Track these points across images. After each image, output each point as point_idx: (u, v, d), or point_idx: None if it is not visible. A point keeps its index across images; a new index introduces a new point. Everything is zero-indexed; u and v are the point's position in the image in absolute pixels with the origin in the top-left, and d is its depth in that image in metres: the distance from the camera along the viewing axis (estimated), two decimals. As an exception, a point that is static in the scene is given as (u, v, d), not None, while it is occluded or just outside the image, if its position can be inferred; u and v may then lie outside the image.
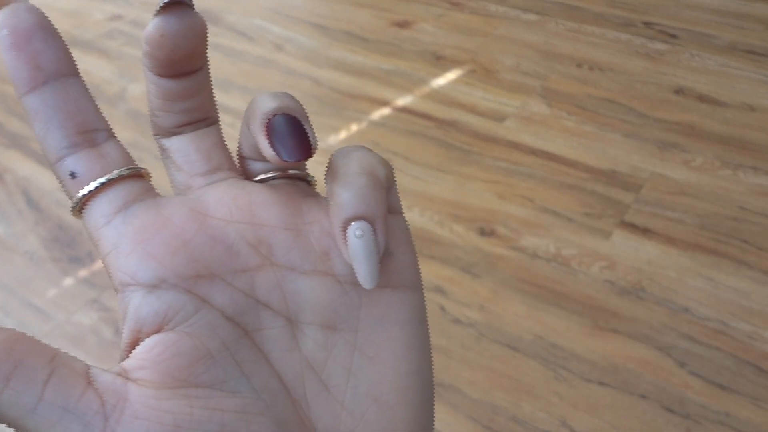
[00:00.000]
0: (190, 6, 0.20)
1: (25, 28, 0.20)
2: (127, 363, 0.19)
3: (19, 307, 0.90)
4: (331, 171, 0.22)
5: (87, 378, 0.18)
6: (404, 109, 1.20)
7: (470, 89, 1.24)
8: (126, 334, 0.20)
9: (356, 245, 0.20)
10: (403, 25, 1.44)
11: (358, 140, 1.14)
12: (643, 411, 0.74)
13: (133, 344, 0.20)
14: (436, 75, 1.28)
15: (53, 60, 0.20)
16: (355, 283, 0.22)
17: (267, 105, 0.21)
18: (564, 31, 1.40)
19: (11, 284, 0.93)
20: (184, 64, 0.21)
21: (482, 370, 0.78)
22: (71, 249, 0.98)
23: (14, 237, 1.00)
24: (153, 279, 0.20)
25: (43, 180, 1.10)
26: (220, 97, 1.27)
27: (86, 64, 1.38)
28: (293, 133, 0.21)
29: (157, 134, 0.23)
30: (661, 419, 0.73)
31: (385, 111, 1.20)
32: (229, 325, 0.20)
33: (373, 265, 0.20)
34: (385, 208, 0.21)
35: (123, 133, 1.19)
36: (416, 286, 0.23)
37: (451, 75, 1.28)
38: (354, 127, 1.17)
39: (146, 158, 1.13)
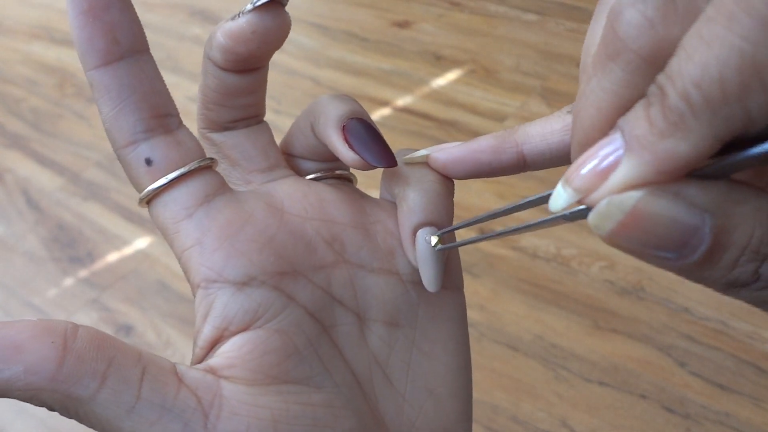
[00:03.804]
0: (283, 5, 0.20)
1: None
2: (214, 361, 0.19)
3: (19, 307, 0.90)
4: (402, 174, 0.22)
5: (176, 375, 0.18)
6: (404, 109, 1.20)
7: (470, 89, 1.24)
8: (208, 332, 0.19)
9: (426, 250, 0.21)
10: (403, 25, 1.44)
11: (358, 140, 1.14)
12: (643, 411, 0.74)
13: (214, 342, 0.20)
14: (436, 75, 1.28)
15: (130, 34, 0.19)
16: (415, 282, 0.22)
17: (339, 108, 0.21)
18: (564, 31, 1.40)
19: (11, 284, 0.93)
20: (258, 61, 0.21)
21: (482, 370, 0.78)
22: (71, 249, 0.98)
23: (14, 237, 1.00)
24: (242, 276, 0.19)
25: (43, 180, 1.10)
26: (220, 97, 1.27)
27: (86, 64, 1.38)
28: (375, 137, 0.21)
29: (207, 128, 0.22)
30: (661, 419, 0.73)
31: (385, 111, 1.20)
32: (312, 321, 0.20)
33: (439, 269, 0.21)
34: (452, 216, 0.22)
35: (123, 133, 1.19)
36: (461, 285, 0.24)
37: (451, 75, 1.28)
38: (354, 127, 1.17)
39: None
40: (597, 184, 0.14)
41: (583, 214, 0.15)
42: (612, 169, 0.14)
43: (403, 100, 1.22)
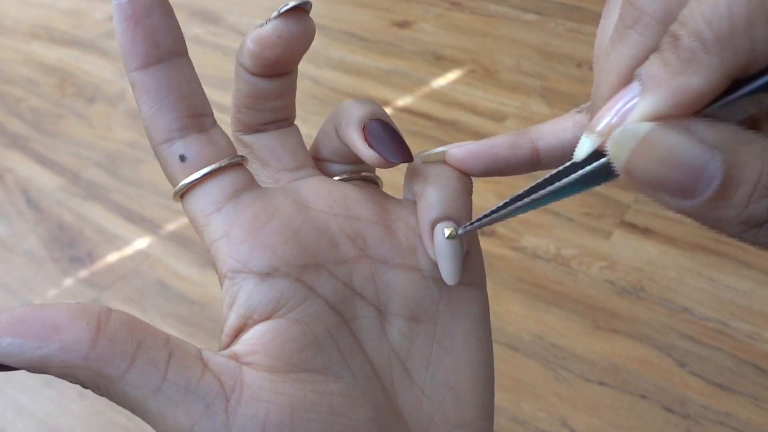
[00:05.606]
0: (307, 11, 0.21)
1: (144, 1, 0.19)
2: (238, 348, 0.20)
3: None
4: (421, 171, 0.23)
5: (201, 360, 0.19)
6: (404, 109, 1.20)
7: (470, 89, 1.24)
8: (233, 320, 0.20)
9: (444, 244, 0.22)
10: (403, 25, 1.44)
11: (358, 140, 1.14)
12: (643, 411, 0.74)
13: (239, 330, 0.20)
14: (436, 75, 1.28)
15: (170, 38, 0.20)
16: (436, 279, 0.23)
17: (361, 110, 0.23)
18: (564, 31, 1.40)
19: (11, 284, 0.93)
20: (285, 65, 0.22)
21: (482, 370, 0.78)
22: (71, 249, 0.98)
23: (14, 237, 1.00)
24: (266, 267, 0.20)
25: (43, 180, 1.10)
26: (219, 96, 1.27)
27: (86, 64, 1.38)
28: (393, 136, 0.22)
29: (239, 131, 0.24)
30: (661, 419, 0.73)
31: (386, 111, 1.20)
32: (332, 313, 0.21)
33: (457, 263, 0.22)
34: (471, 211, 0.22)
35: (123, 134, 1.19)
36: (484, 284, 0.24)
37: (451, 75, 1.28)
38: (354, 127, 1.17)
39: (147, 158, 1.13)
40: (617, 126, 0.15)
41: (597, 176, 0.16)
42: (630, 112, 0.15)
43: (403, 100, 1.22)
